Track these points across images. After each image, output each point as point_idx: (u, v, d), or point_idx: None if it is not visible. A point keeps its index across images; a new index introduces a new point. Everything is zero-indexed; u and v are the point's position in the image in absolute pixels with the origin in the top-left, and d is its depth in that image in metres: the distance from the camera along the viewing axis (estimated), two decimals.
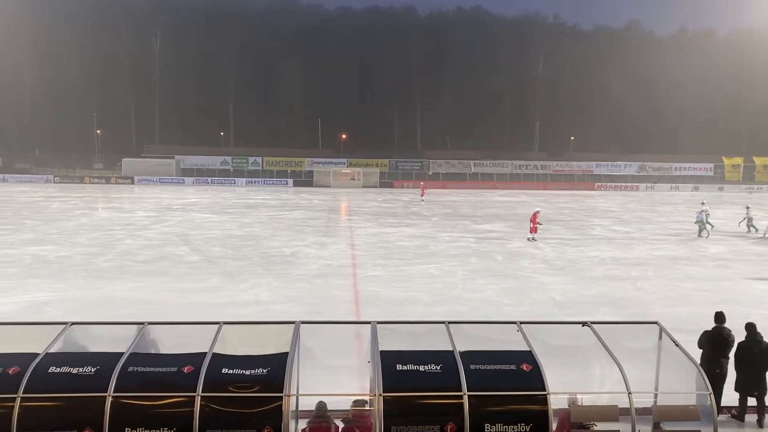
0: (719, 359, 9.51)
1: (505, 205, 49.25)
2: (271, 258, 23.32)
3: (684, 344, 7.87)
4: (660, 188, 74.24)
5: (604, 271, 21.64)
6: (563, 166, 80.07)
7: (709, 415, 7.05)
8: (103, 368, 6.87)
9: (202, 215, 37.91)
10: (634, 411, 6.75)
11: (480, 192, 66.44)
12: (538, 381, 6.88)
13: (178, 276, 19.88)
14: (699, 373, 7.35)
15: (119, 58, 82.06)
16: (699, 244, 28.47)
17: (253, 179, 74.15)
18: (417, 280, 19.80)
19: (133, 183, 70.91)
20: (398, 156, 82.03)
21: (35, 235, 28.31)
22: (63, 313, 14.68)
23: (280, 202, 49.22)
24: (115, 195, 54.04)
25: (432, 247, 26.36)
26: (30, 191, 56.46)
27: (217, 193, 59.41)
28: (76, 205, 43.49)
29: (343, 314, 15.23)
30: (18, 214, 36.72)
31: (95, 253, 23.60)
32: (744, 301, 17.34)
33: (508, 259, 23.94)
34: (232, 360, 7.12)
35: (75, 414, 6.55)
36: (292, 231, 31.07)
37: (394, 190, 68.67)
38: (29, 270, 20.40)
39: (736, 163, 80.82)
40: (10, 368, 6.86)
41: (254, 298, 17.17)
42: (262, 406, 6.66)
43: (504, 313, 15.68)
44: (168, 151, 78.23)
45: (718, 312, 9.97)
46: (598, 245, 27.57)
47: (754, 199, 60.07)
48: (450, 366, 7.02)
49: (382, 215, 39.81)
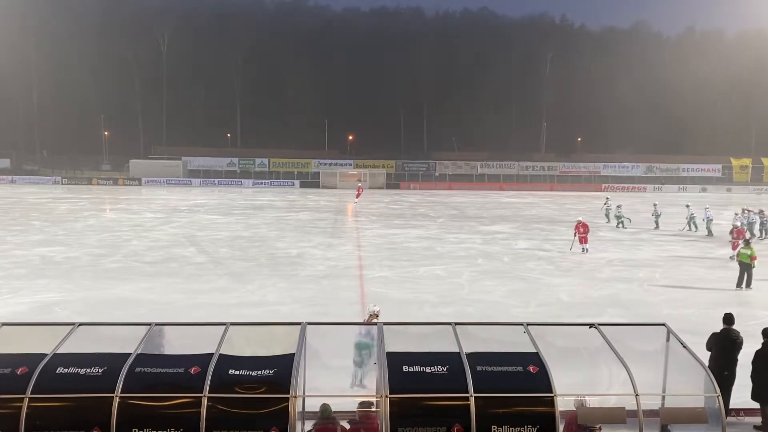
0: (728, 361, 9.45)
1: (512, 207, 49.15)
2: (278, 259, 23.36)
3: (692, 346, 7.82)
4: (668, 189, 73.91)
5: (611, 272, 21.56)
6: (570, 167, 79.81)
7: (717, 418, 7.00)
8: (110, 369, 6.90)
9: (209, 216, 38.00)
10: (641, 413, 6.71)
11: (487, 193, 66.34)
12: (545, 383, 6.86)
13: (185, 277, 19.94)
14: (707, 376, 7.30)
15: (126, 60, 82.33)
16: (706, 246, 28.33)
17: (259, 180, 74.27)
18: (424, 281, 19.79)
19: (140, 184, 71.16)
20: (405, 157, 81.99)
21: (43, 236, 28.46)
22: (71, 314, 14.75)
23: (287, 204, 49.29)
24: (122, 196, 54.25)
25: (439, 248, 26.34)
26: (38, 192, 56.75)
27: (224, 194, 59.55)
28: (84, 207, 43.69)
29: (350, 315, 15.22)
30: (26, 216, 36.92)
31: (103, 254, 23.70)
32: (752, 303, 17.26)
33: (515, 260, 23.89)
34: (238, 361, 7.14)
35: (82, 414, 6.57)
36: (298, 232, 31.10)
37: (401, 192, 68.63)
38: (37, 271, 20.51)
39: (744, 164, 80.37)
40: (19, 368, 6.89)
41: (261, 299, 17.21)
42: (269, 407, 6.67)
43: (511, 315, 15.63)
44: (175, 152, 78.45)
45: (727, 313, 9.91)
46: (605, 246, 27.47)
47: (762, 200, 59.74)
48: (456, 367, 7.01)
49: (389, 216, 39.80)
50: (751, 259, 18.64)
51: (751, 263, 18.65)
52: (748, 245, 19.19)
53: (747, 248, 18.98)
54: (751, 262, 18.65)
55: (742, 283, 18.78)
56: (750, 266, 18.69)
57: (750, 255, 18.66)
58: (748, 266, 18.70)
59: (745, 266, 18.78)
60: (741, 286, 18.74)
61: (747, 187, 75.78)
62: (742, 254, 19.09)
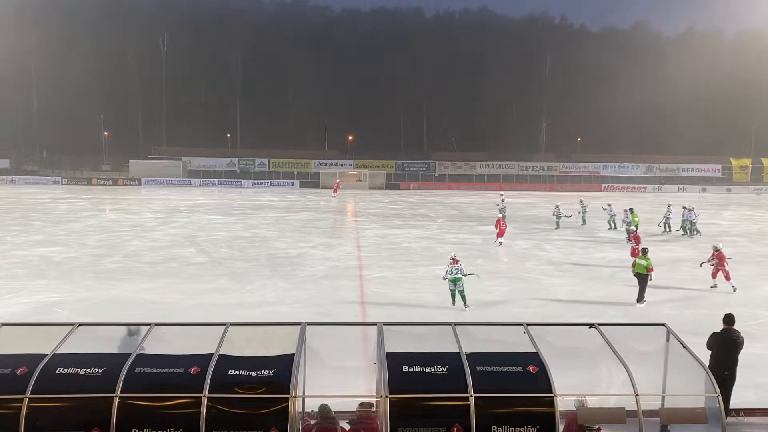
0: (728, 361, 9.45)
1: (512, 207, 49.06)
2: (278, 259, 23.37)
3: (691, 346, 7.81)
4: (667, 189, 73.91)
5: (611, 272, 21.57)
6: (570, 168, 79.75)
7: (717, 418, 7.00)
8: (110, 369, 6.89)
9: (209, 217, 38.00)
10: (641, 413, 6.71)
11: (486, 193, 66.32)
12: (545, 383, 6.85)
13: (185, 277, 19.95)
14: (707, 376, 7.30)
15: (126, 60, 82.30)
16: (706, 246, 28.28)
17: (259, 181, 74.22)
18: (424, 281, 19.79)
19: (140, 184, 71.12)
20: (404, 157, 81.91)
21: (43, 236, 28.46)
22: (70, 314, 14.76)
23: (287, 204, 49.28)
24: (122, 196, 54.24)
25: (438, 248, 26.34)
26: (38, 193, 56.74)
27: (224, 194, 59.55)
28: (83, 207, 43.69)
29: (350, 316, 15.23)
30: (26, 216, 36.92)
31: (103, 255, 23.71)
32: (752, 303, 17.25)
33: (515, 260, 23.91)
34: (238, 361, 7.14)
35: (82, 414, 6.57)
36: (298, 232, 31.10)
37: (401, 192, 68.61)
38: (37, 271, 20.52)
39: (744, 165, 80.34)
40: (18, 369, 6.89)
41: (261, 300, 17.22)
42: (269, 407, 6.67)
43: (511, 315, 15.65)
44: (175, 152, 78.38)
45: (728, 314, 9.91)
46: (604, 247, 27.48)
47: (762, 200, 59.75)
48: (456, 368, 7.00)
49: (389, 216, 39.79)
50: (647, 271, 16.78)
51: (648, 275, 16.79)
52: (645, 255, 17.16)
53: (643, 258, 17.05)
54: (648, 274, 16.79)
55: (642, 299, 16.83)
56: (646, 278, 16.81)
57: (646, 266, 16.80)
58: (645, 278, 16.81)
59: (641, 278, 16.88)
60: (642, 301, 16.77)
61: (747, 188, 75.78)
62: (638, 265, 17.14)
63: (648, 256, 17.05)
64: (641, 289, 16.88)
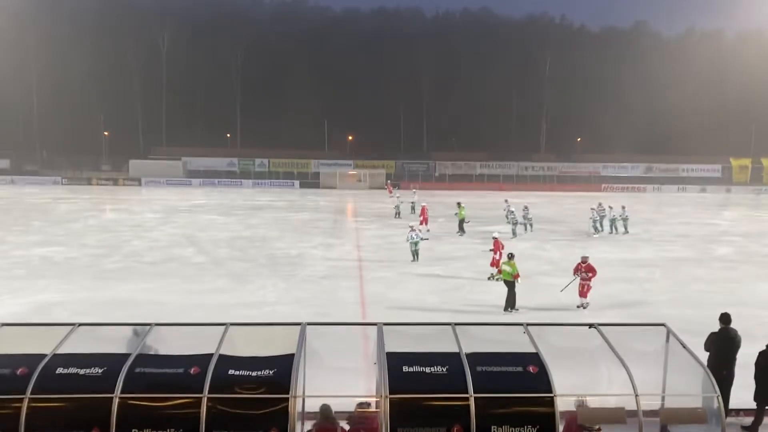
0: (726, 361, 9.45)
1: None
2: (278, 259, 23.36)
3: (691, 346, 7.82)
4: (667, 189, 73.95)
5: (611, 272, 21.55)
6: (570, 168, 79.81)
7: (716, 418, 7.00)
8: (110, 369, 6.90)
9: (209, 217, 38.00)
10: (641, 413, 6.71)
11: (486, 193, 66.26)
12: (545, 383, 6.86)
13: (185, 277, 19.95)
14: (706, 376, 7.30)
15: (126, 60, 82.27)
16: (706, 246, 28.34)
17: (259, 181, 74.25)
18: (423, 281, 19.78)
19: (140, 184, 71.15)
20: (404, 157, 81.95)
21: (43, 236, 28.46)
22: (70, 315, 14.75)
23: (287, 204, 49.28)
24: (122, 196, 54.25)
25: (438, 248, 26.33)
26: (38, 193, 56.74)
27: (224, 194, 59.54)
28: (83, 207, 43.68)
29: (350, 316, 15.23)
30: (26, 216, 36.92)
31: (103, 255, 23.70)
32: (752, 303, 17.25)
33: (515, 260, 23.84)
34: (238, 361, 7.14)
35: (82, 415, 6.58)
36: (298, 232, 31.10)
37: (401, 192, 68.44)
38: (37, 271, 20.52)
39: (743, 165, 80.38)
40: (18, 369, 6.89)
41: (261, 300, 17.21)
42: (269, 407, 6.67)
43: (511, 315, 15.65)
44: (175, 152, 78.41)
45: (724, 313, 9.90)
46: (604, 247, 27.47)
47: (761, 200, 59.75)
48: (456, 368, 7.01)
49: (389, 216, 39.76)
50: (513, 277, 16.12)
51: (515, 281, 16.16)
52: (511, 260, 16.43)
53: (508, 264, 16.38)
54: (514, 280, 16.15)
55: (510, 306, 16.11)
56: (513, 284, 16.17)
57: (512, 273, 16.14)
58: (512, 284, 16.17)
59: (509, 284, 16.21)
60: (509, 309, 16.06)
61: (746, 188, 75.79)
62: (504, 272, 16.49)
63: (513, 262, 16.36)
64: (510, 294, 16.16)
